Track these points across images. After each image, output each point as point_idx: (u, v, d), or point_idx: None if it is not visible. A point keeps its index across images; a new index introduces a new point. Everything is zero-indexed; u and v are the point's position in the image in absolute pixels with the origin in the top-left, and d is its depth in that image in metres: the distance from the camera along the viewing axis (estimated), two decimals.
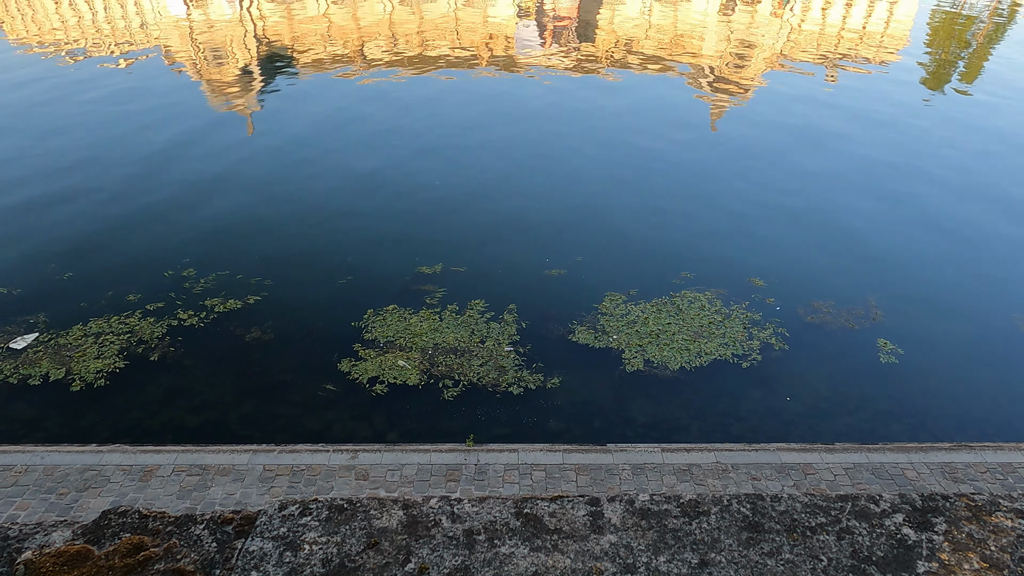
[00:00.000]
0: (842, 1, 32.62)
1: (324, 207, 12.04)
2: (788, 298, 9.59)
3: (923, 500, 5.41)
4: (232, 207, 12.00)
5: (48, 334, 8.57)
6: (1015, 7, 33.20)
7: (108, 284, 9.63)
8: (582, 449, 6.85)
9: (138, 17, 27.31)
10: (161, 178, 13.03)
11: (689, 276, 9.97)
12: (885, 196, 12.76)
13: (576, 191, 12.76)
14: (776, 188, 13.05)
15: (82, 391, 7.72)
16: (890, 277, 10.27)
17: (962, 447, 6.99)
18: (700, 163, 14.13)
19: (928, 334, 9.06)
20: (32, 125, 15.58)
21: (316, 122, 16.04)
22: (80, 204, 12.00)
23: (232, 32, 24.93)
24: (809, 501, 5.40)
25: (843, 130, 16.00)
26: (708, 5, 31.84)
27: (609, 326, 8.89)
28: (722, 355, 8.43)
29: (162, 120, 15.97)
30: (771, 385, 8.07)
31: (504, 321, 8.93)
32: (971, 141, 15.56)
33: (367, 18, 27.68)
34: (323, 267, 10.21)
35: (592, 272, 10.14)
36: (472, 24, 27.11)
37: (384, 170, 13.52)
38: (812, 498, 5.44)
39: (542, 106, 17.34)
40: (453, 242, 10.90)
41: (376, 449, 6.81)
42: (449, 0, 31.92)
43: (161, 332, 8.68)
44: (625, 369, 8.20)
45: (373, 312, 9.06)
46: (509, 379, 7.97)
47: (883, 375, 8.29)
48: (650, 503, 5.37)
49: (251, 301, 9.32)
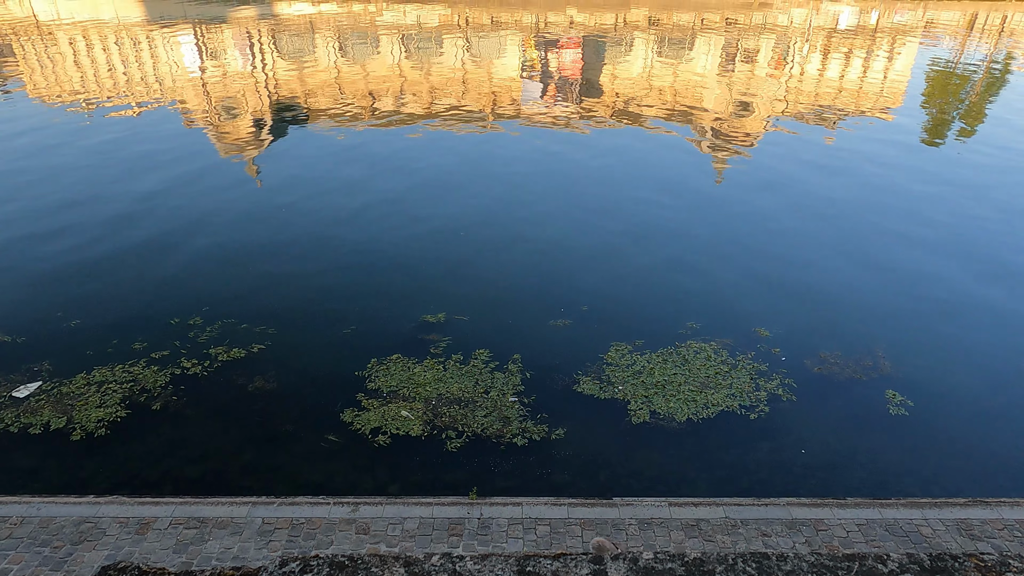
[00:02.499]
0: (839, 58, 33.46)
1: (329, 255, 12.14)
2: (794, 348, 9.53)
3: (931, 560, 5.25)
4: (238, 255, 12.10)
5: (51, 382, 8.55)
6: (1009, 60, 34.00)
7: (114, 332, 9.65)
8: (587, 503, 6.70)
9: (153, 70, 28.15)
10: (172, 228, 13.19)
11: (695, 326, 9.94)
12: (887, 248, 12.81)
13: (580, 242, 12.86)
14: (778, 239, 13.13)
15: (82, 440, 7.65)
16: (897, 328, 10.21)
17: (977, 503, 6.81)
18: (702, 216, 14.26)
19: (938, 385, 8.95)
20: (44, 173, 15.87)
21: (321, 172, 16.31)
22: (89, 251, 12.13)
23: (244, 85, 25.64)
24: (816, 561, 5.25)
25: (842, 184, 16.18)
26: (708, 63, 32.70)
27: (615, 376, 8.82)
28: (729, 406, 8.33)
29: (170, 171, 16.26)
30: (780, 437, 7.94)
31: (509, 371, 8.88)
32: (970, 197, 15.70)
33: (376, 73, 28.48)
34: (328, 315, 10.23)
35: (597, 322, 10.12)
36: (478, 80, 27.84)
37: (389, 219, 13.67)
38: (819, 558, 5.29)
39: (546, 159, 17.64)
40: (458, 291, 10.93)
41: (377, 502, 6.68)
42: (456, 56, 32.89)
43: (164, 381, 8.64)
44: (631, 420, 8.09)
45: (377, 361, 9.02)
46: (513, 430, 7.87)
47: (893, 427, 8.16)
48: (654, 561, 5.22)
49: (255, 349, 9.30)
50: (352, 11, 49.69)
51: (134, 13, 46.64)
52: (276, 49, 34.22)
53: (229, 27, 41.24)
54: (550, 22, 46.40)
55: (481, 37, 39.72)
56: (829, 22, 46.59)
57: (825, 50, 35.76)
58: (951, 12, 52.91)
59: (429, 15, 48.01)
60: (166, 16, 45.26)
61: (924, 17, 49.59)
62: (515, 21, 46.43)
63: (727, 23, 46.02)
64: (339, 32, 39.99)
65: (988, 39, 41.41)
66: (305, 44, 35.69)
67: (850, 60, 32.85)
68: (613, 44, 37.84)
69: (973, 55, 35.20)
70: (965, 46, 38.12)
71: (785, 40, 39.50)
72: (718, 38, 39.93)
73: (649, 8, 53.53)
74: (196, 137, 19.28)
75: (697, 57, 33.83)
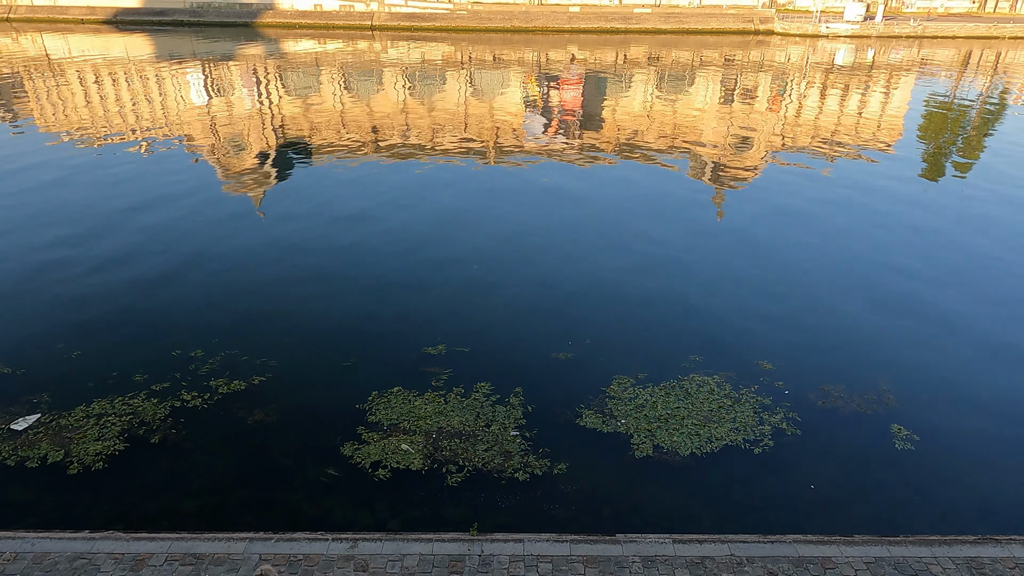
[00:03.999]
0: (837, 94, 33.95)
1: (330, 288, 12.16)
2: (797, 382, 9.47)
3: None
4: (241, 288, 12.13)
5: (50, 415, 8.50)
6: (1004, 95, 34.46)
7: (115, 363, 9.63)
8: (590, 539, 6.59)
9: (162, 106, 28.61)
10: (174, 260, 13.25)
11: (697, 359, 9.89)
12: (887, 281, 12.81)
13: (581, 274, 12.88)
14: (778, 273, 13.15)
15: (79, 474, 7.57)
16: (899, 361, 10.15)
17: (988, 540, 6.69)
18: (701, 249, 14.30)
19: (944, 420, 8.86)
20: (50, 205, 16.02)
21: (324, 206, 16.44)
22: (92, 282, 12.17)
23: (250, 120, 26.02)
24: None
25: (841, 217, 16.27)
26: (707, 98, 33.18)
27: (617, 410, 8.75)
28: (733, 440, 8.24)
29: (175, 204, 16.40)
30: (785, 472, 7.84)
31: (510, 404, 8.81)
32: (970, 231, 15.76)
33: (380, 108, 28.91)
34: (329, 347, 10.21)
35: (599, 355, 10.08)
36: (480, 115, 28.24)
37: (390, 252, 13.73)
38: None
39: (547, 193, 17.78)
40: (459, 323, 10.91)
41: (376, 538, 6.57)
42: (459, 91, 33.41)
43: (164, 413, 8.59)
44: (634, 455, 8.00)
45: (377, 394, 8.97)
46: (515, 464, 7.79)
47: (900, 462, 8.06)
48: None
49: (256, 381, 9.26)
50: (357, 49, 50.69)
51: (144, 51, 47.61)
52: (282, 85, 34.82)
53: (236, 64, 42.04)
54: (552, 59, 47.26)
55: (484, 73, 40.43)
56: (826, 59, 47.39)
57: (823, 86, 36.31)
58: (946, 49, 53.85)
59: (433, 52, 48.94)
60: (175, 53, 46.18)
61: (919, 55, 50.45)
62: (517, 58, 47.30)
63: (725, 60, 46.82)
64: (344, 69, 40.74)
65: (983, 75, 42.05)
66: (311, 80, 36.31)
67: (847, 96, 33.32)
68: (614, 80, 38.46)
69: (968, 91, 35.70)
70: (960, 82, 38.70)
71: (783, 76, 40.14)
72: (717, 74, 40.60)
73: (649, 46, 54.57)
74: (202, 171, 19.49)
75: (696, 93, 34.35)
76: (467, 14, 64.42)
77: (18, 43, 50.17)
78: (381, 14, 63.86)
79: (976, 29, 60.71)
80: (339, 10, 64.63)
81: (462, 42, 54.65)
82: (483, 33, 60.26)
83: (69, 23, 62.13)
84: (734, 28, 62.47)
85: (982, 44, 57.52)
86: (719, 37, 60.46)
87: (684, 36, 60.61)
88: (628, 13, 66.04)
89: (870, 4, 65.32)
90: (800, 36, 59.22)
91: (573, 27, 62.67)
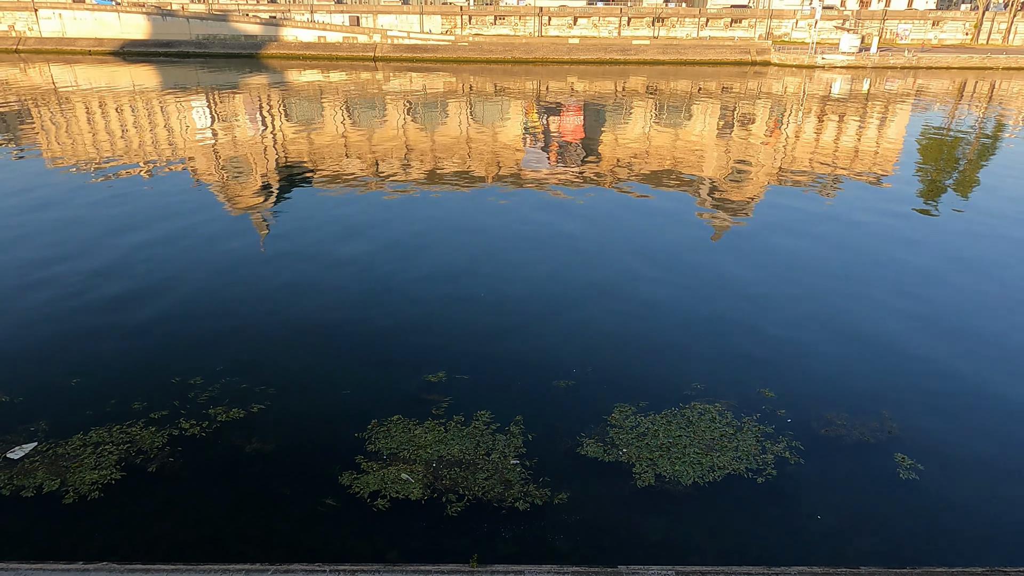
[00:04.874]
0: (833, 124, 34.34)
1: (330, 314, 12.16)
2: (799, 410, 9.42)
3: None
4: (241, 314, 12.13)
5: (47, 443, 8.44)
6: (1000, 126, 34.84)
7: (114, 391, 9.59)
8: (592, 571, 6.49)
9: (166, 135, 28.94)
10: (175, 287, 13.28)
11: (699, 387, 9.85)
12: (887, 310, 12.82)
13: (583, 302, 12.90)
14: (779, 301, 13.17)
15: (75, 503, 7.49)
16: (901, 389, 10.11)
17: (997, 572, 6.58)
18: (701, 278, 14.34)
19: (948, 448, 8.79)
20: (53, 233, 16.11)
21: (325, 233, 16.52)
22: (92, 308, 12.17)
23: (253, 148, 26.30)
24: None
25: (840, 247, 16.33)
26: (705, 128, 33.57)
27: (618, 439, 8.69)
28: (736, 469, 8.17)
29: (176, 230, 16.49)
30: (788, 502, 7.75)
31: (510, 432, 8.75)
32: (968, 261, 15.82)
33: (381, 137, 29.23)
34: (329, 375, 10.17)
35: (600, 382, 10.04)
36: (481, 144, 28.54)
37: (390, 279, 13.76)
38: None
39: (546, 222, 17.88)
40: (459, 350, 10.89)
41: (375, 569, 6.47)
42: (460, 121, 33.82)
43: (162, 442, 8.53)
44: (636, 484, 7.92)
45: (377, 422, 8.92)
46: (515, 494, 7.71)
47: (904, 492, 7.98)
48: None
49: (255, 409, 9.22)
50: (360, 79, 51.44)
51: (150, 81, 48.32)
52: (285, 114, 35.27)
53: (241, 94, 42.62)
54: (552, 89, 47.93)
55: (485, 103, 40.96)
56: (822, 89, 48.04)
57: (820, 116, 36.75)
58: (940, 80, 54.61)
59: (435, 82, 49.66)
60: (180, 84, 46.86)
61: (915, 85, 51.16)
62: (518, 89, 47.97)
63: (723, 91, 47.47)
64: (347, 99, 41.29)
65: (978, 105, 42.58)
66: (313, 110, 36.79)
67: (844, 126, 33.70)
68: (613, 110, 38.95)
69: (964, 121, 36.12)
70: (956, 112, 39.17)
71: (780, 106, 40.65)
72: (715, 105, 41.12)
73: (647, 76, 55.37)
74: (204, 197, 19.64)
75: (695, 123, 34.76)
76: (468, 45, 65.49)
77: (26, 74, 50.95)
78: (384, 46, 64.92)
79: (970, 60, 61.66)
80: (342, 42, 65.75)
81: (463, 73, 55.48)
82: (484, 64, 61.20)
83: (77, 54, 63.17)
84: (732, 59, 63.46)
85: (976, 75, 58.33)
86: (717, 68, 61.38)
87: (682, 67, 61.54)
88: (627, 45, 67.14)
89: (865, 36, 66.48)
90: (796, 67, 60.13)
91: (573, 58, 63.66)
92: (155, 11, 67.94)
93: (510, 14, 74.79)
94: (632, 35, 72.35)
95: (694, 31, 73.12)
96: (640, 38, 70.68)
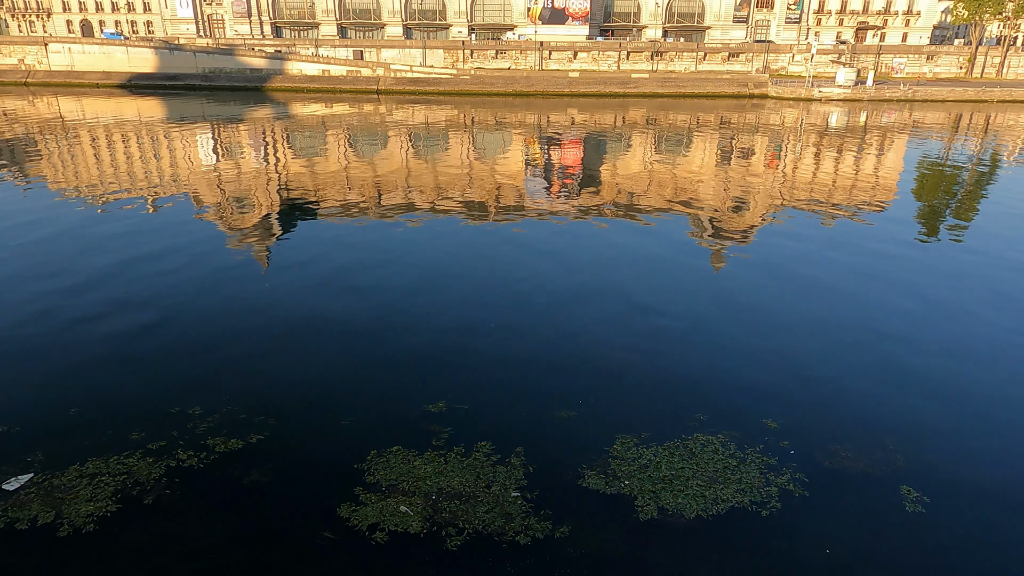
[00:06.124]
0: (831, 155, 34.66)
1: (331, 345, 12.11)
2: (803, 441, 9.32)
3: None
4: (241, 344, 12.09)
5: (43, 474, 8.34)
6: (996, 158, 35.14)
7: (113, 421, 9.51)
8: None
9: (171, 165, 29.22)
10: (176, 317, 13.25)
11: (702, 418, 9.77)
12: (887, 340, 12.76)
13: (582, 333, 12.85)
14: (779, 332, 13.12)
15: (69, 536, 7.38)
16: (904, 418, 10.01)
17: None
18: (702, 308, 14.31)
19: (954, 480, 8.66)
20: (57, 263, 16.15)
21: (325, 263, 16.55)
22: (93, 339, 12.13)
23: (256, 179, 26.53)
24: None
25: (839, 276, 16.34)
26: (704, 159, 33.88)
27: (621, 470, 8.59)
28: (739, 502, 8.05)
29: (178, 260, 16.53)
30: (794, 536, 7.62)
31: (511, 464, 8.66)
32: (969, 288, 15.81)
33: (383, 168, 29.50)
34: (328, 404, 10.09)
35: (602, 414, 9.95)
36: (482, 175, 28.79)
37: (389, 309, 13.73)
38: None
39: (546, 251, 17.94)
40: (459, 380, 10.82)
41: None
42: (461, 152, 34.18)
43: (159, 473, 8.43)
44: (638, 517, 7.81)
45: (376, 453, 8.83)
46: (516, 527, 7.59)
47: (911, 525, 7.85)
48: None
49: (253, 440, 9.13)
50: (363, 111, 52.12)
51: (156, 113, 49.00)
52: (289, 146, 35.67)
53: (245, 126, 43.18)
54: (552, 121, 48.52)
55: (486, 134, 41.43)
56: (820, 121, 48.60)
57: (817, 147, 37.11)
58: (936, 112, 55.27)
59: (437, 115, 50.30)
60: (186, 116, 47.51)
61: (911, 117, 51.76)
62: (519, 121, 48.57)
63: (722, 123, 48.03)
64: (350, 130, 41.79)
65: (974, 137, 43.02)
66: (317, 141, 37.21)
67: (842, 157, 34.01)
68: (613, 141, 39.38)
69: (960, 153, 36.45)
70: (952, 144, 39.55)
71: (778, 138, 41.09)
72: (714, 136, 41.58)
73: (647, 109, 56.08)
74: (206, 227, 19.75)
75: (694, 154, 35.10)
76: (470, 79, 66.50)
77: (34, 106, 51.70)
78: (387, 79, 65.93)
79: (965, 93, 62.50)
80: (346, 75, 66.85)
81: (465, 105, 56.24)
82: (486, 97, 62.09)
83: (85, 87, 64.20)
84: (729, 92, 64.36)
85: (971, 107, 59.07)
86: (715, 101, 62.22)
87: (681, 100, 62.40)
88: (626, 78, 68.19)
89: (860, 69, 67.51)
90: (794, 100, 60.95)
91: (573, 91, 64.59)
92: (163, 45, 69.22)
93: (511, 48, 76.15)
94: (631, 68, 73.53)
95: (692, 64, 74.38)
96: (639, 71, 71.82)
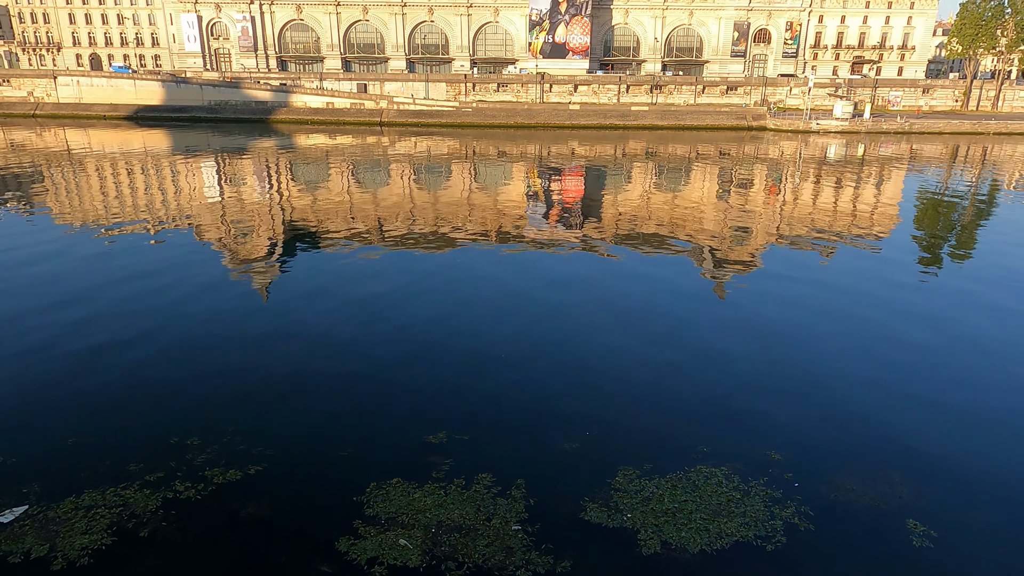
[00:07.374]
0: (830, 186, 34.91)
1: (331, 375, 12.06)
2: (806, 473, 9.21)
3: None
4: (243, 375, 12.04)
5: (38, 506, 8.24)
6: (995, 188, 35.37)
7: (110, 451, 9.42)
8: None
9: (175, 196, 29.46)
10: (177, 347, 13.23)
11: (705, 450, 9.66)
12: (890, 372, 12.70)
13: (584, 363, 12.80)
14: (782, 363, 13.07)
15: (63, 570, 7.26)
16: (912, 454, 9.90)
17: None
18: (703, 339, 14.27)
19: (960, 515, 8.54)
20: (52, 290, 16.18)
21: (327, 293, 16.57)
22: (93, 368, 12.09)
23: (259, 208, 26.71)
24: None
25: (841, 307, 16.32)
26: (704, 191, 34.14)
27: (623, 503, 8.47)
28: (744, 536, 7.93)
29: (180, 290, 16.55)
30: (800, 571, 7.49)
31: (512, 497, 8.55)
32: (973, 321, 15.78)
33: (386, 198, 29.72)
34: (327, 435, 10.00)
35: (604, 445, 9.85)
36: (483, 205, 28.98)
37: (390, 338, 13.70)
38: None
39: (549, 282, 17.97)
40: (459, 411, 10.75)
41: None
42: (463, 183, 34.47)
43: (155, 505, 8.33)
44: (641, 551, 7.68)
45: (376, 485, 8.72)
46: (517, 561, 7.47)
47: (919, 560, 7.71)
48: None
49: (252, 471, 9.03)
50: (366, 143, 52.73)
51: (161, 144, 49.58)
52: (292, 176, 36.01)
53: (250, 156, 43.64)
54: (553, 152, 49.03)
55: (488, 166, 41.83)
56: (818, 153, 49.06)
57: (816, 178, 37.41)
58: (933, 144, 55.81)
59: (439, 146, 50.86)
60: (191, 147, 48.07)
61: (909, 149, 52.26)
62: (520, 152, 49.08)
63: (721, 154, 48.51)
64: (353, 161, 42.22)
65: (971, 168, 43.38)
66: (320, 172, 37.57)
67: (841, 189, 34.25)
68: (613, 173, 39.73)
69: (958, 183, 36.71)
70: (950, 176, 39.86)
71: (777, 169, 41.44)
72: (713, 168, 41.95)
73: (646, 141, 56.69)
74: (209, 257, 19.82)
75: (694, 185, 35.37)
76: (472, 111, 67.38)
77: (42, 137, 52.36)
78: (390, 111, 66.81)
79: (961, 125, 63.18)
80: (350, 107, 67.77)
81: (467, 137, 56.89)
82: (488, 129, 62.82)
83: (92, 119, 65.05)
84: (728, 124, 65.09)
85: (968, 139, 59.66)
86: (714, 133, 62.90)
87: (680, 132, 63.08)
88: (626, 110, 69.07)
89: (858, 102, 68.40)
90: (792, 132, 61.60)
91: (574, 123, 65.37)
92: (169, 78, 70.40)
93: (513, 81, 77.33)
94: (631, 101, 74.53)
95: (691, 97, 75.39)
96: (639, 104, 72.79)
